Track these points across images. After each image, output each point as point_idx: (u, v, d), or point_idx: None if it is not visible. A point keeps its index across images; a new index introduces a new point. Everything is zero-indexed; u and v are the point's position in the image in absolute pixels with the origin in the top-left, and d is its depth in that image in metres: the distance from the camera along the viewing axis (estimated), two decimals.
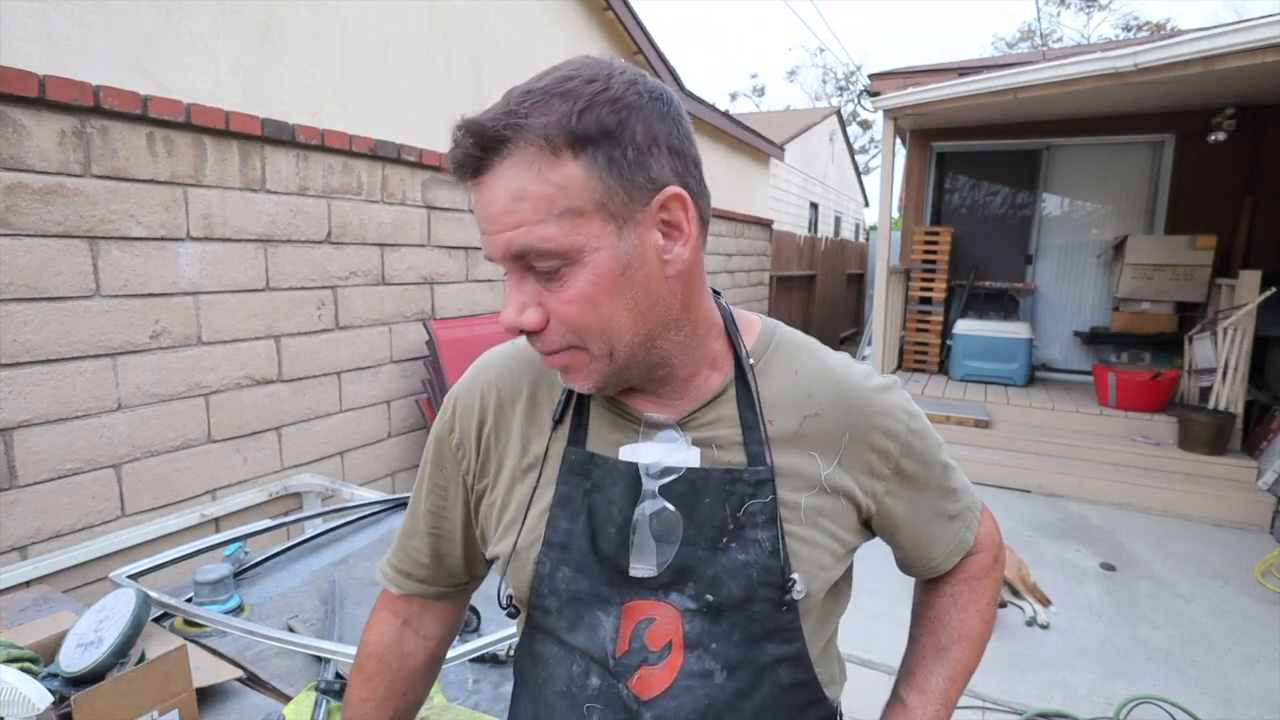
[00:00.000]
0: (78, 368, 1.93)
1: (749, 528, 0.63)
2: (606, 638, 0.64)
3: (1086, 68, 4.30)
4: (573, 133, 0.52)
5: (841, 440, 0.66)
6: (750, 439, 0.64)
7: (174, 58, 2.43)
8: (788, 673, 0.66)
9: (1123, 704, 2.37)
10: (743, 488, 0.63)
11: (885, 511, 0.70)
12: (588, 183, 0.53)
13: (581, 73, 0.54)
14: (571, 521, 0.66)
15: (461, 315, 3.40)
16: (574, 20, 4.88)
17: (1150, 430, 4.84)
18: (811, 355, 0.70)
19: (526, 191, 0.53)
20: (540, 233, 0.53)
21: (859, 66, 28.45)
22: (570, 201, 0.53)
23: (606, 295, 0.56)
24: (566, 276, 0.55)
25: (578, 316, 0.56)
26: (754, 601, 0.63)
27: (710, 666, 0.63)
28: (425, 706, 1.22)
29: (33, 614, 1.44)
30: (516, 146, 0.52)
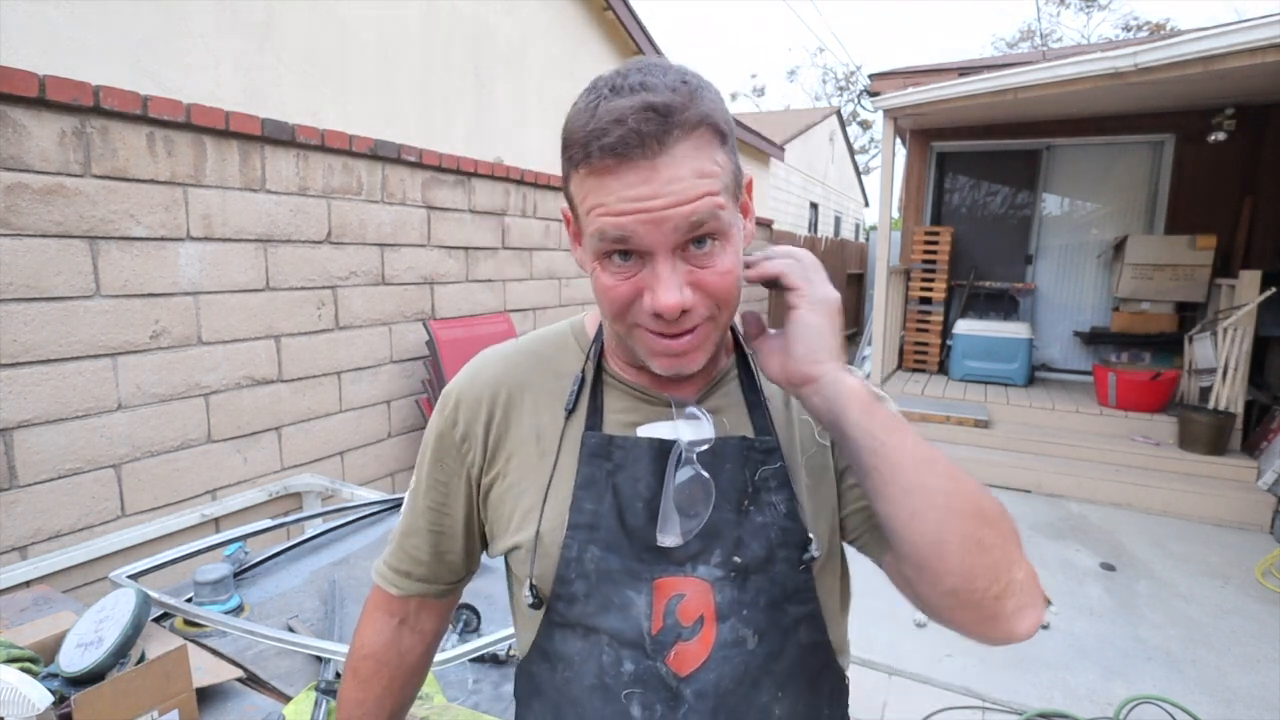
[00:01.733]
0: (78, 368, 1.93)
1: (764, 492, 0.67)
2: (641, 615, 0.65)
3: (1086, 68, 4.30)
4: (723, 124, 0.60)
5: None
6: (755, 414, 0.70)
7: (174, 58, 2.43)
8: (807, 633, 0.69)
9: (1123, 704, 2.37)
10: (756, 454, 0.68)
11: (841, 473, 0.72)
12: (730, 168, 0.61)
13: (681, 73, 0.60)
14: (597, 502, 0.67)
15: (461, 315, 3.40)
16: (574, 20, 4.88)
17: (1150, 430, 4.84)
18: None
19: (706, 169, 0.58)
20: (720, 202, 0.59)
21: (859, 66, 28.45)
22: (728, 180, 0.60)
23: (739, 269, 0.63)
24: (716, 252, 0.60)
25: (730, 287, 0.61)
26: (774, 562, 0.66)
27: (744, 634, 0.65)
28: (425, 706, 1.22)
29: (33, 614, 1.44)
30: (694, 129, 0.57)
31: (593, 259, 0.62)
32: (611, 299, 0.61)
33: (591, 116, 0.58)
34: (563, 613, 0.68)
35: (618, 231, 0.58)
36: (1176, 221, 5.90)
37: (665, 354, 0.63)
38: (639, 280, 0.60)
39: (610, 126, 0.56)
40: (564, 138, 0.62)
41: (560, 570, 0.67)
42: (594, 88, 0.61)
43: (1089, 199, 6.45)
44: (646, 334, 0.62)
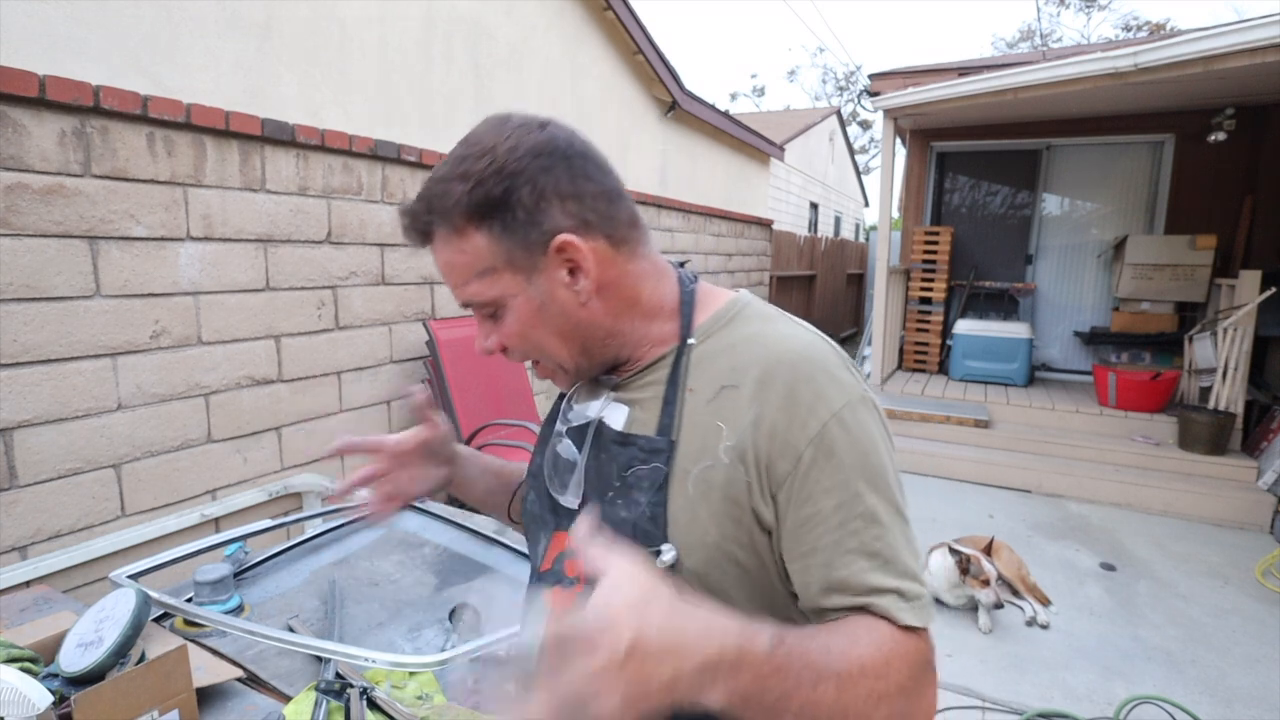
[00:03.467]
0: (78, 368, 1.93)
1: (635, 489, 0.68)
2: (539, 554, 0.78)
3: (1086, 68, 4.30)
4: (468, 211, 0.64)
5: (749, 413, 0.63)
6: (666, 409, 0.69)
7: (174, 58, 2.43)
8: None
9: (1123, 704, 2.37)
10: (634, 451, 0.69)
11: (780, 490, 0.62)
12: (493, 248, 0.65)
13: (475, 147, 0.65)
14: (540, 457, 0.81)
15: (461, 315, 3.40)
16: (574, 20, 4.88)
17: (1150, 430, 4.84)
18: (761, 326, 0.70)
19: (452, 263, 0.68)
20: (469, 290, 0.68)
21: (859, 66, 28.47)
22: (482, 265, 0.66)
23: (532, 329, 0.69)
24: (502, 316, 0.69)
25: (516, 344, 0.71)
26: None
27: None
28: (425, 706, 1.22)
29: (33, 614, 1.44)
30: (436, 230, 0.67)
31: None
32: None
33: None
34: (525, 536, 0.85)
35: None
36: (1176, 221, 5.90)
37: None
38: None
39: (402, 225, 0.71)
40: None
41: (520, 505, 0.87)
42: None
43: (1089, 199, 6.45)
44: None
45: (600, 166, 0.68)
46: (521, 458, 3.19)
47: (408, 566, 1.77)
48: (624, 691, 0.43)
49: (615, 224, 0.68)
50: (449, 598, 1.62)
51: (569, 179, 0.65)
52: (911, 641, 0.58)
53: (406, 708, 1.19)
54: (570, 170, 0.65)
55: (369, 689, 1.21)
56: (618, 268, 0.69)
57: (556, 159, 0.65)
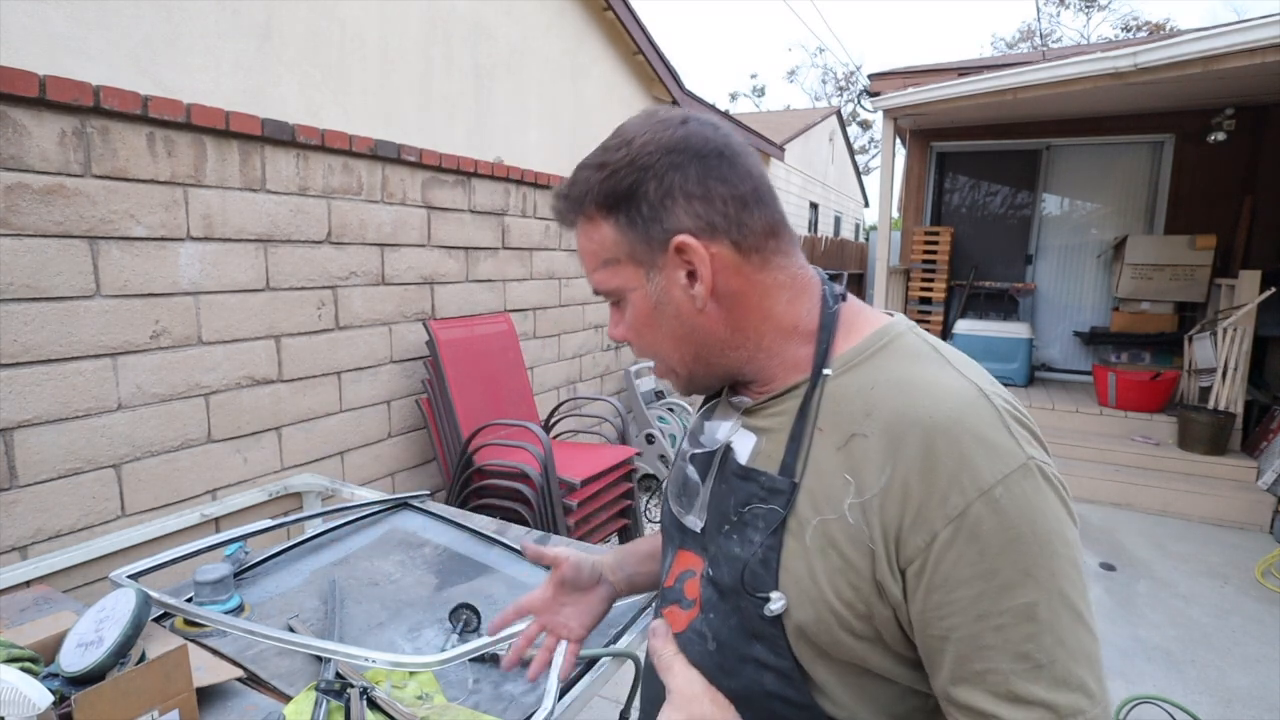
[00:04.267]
0: (78, 368, 1.93)
1: (750, 527, 0.64)
2: (665, 568, 0.79)
3: (1086, 68, 4.30)
4: (598, 201, 0.66)
5: (882, 473, 0.56)
6: (790, 448, 0.63)
7: (174, 58, 2.43)
8: (773, 683, 0.64)
9: (1123, 704, 2.37)
10: (754, 488, 0.65)
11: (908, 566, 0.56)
12: (618, 239, 0.66)
13: (617, 138, 0.66)
14: (677, 472, 0.80)
15: (462, 315, 3.40)
16: (574, 20, 4.88)
17: (1150, 430, 4.84)
18: (909, 365, 0.61)
19: (584, 249, 0.71)
20: (596, 278, 0.70)
21: (859, 66, 28.47)
22: (607, 254, 0.68)
23: (646, 326, 0.70)
24: (625, 309, 0.71)
25: (631, 338, 0.72)
26: (740, 595, 0.64)
27: (706, 632, 0.69)
28: (425, 706, 1.22)
29: (33, 614, 1.44)
30: (580, 212, 0.69)
31: None
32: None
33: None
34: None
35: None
36: (1176, 221, 5.90)
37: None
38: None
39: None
40: None
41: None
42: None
43: (1089, 199, 6.45)
44: None
45: (736, 169, 0.64)
46: (521, 458, 3.17)
47: (408, 566, 1.77)
48: None
49: (745, 230, 0.64)
50: (449, 598, 1.62)
51: (699, 179, 0.63)
52: None
53: (406, 708, 1.19)
54: (703, 169, 0.63)
55: (369, 689, 1.21)
56: (743, 277, 0.65)
57: (689, 156, 0.63)
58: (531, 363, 3.98)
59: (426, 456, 3.26)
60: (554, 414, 3.78)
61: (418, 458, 3.22)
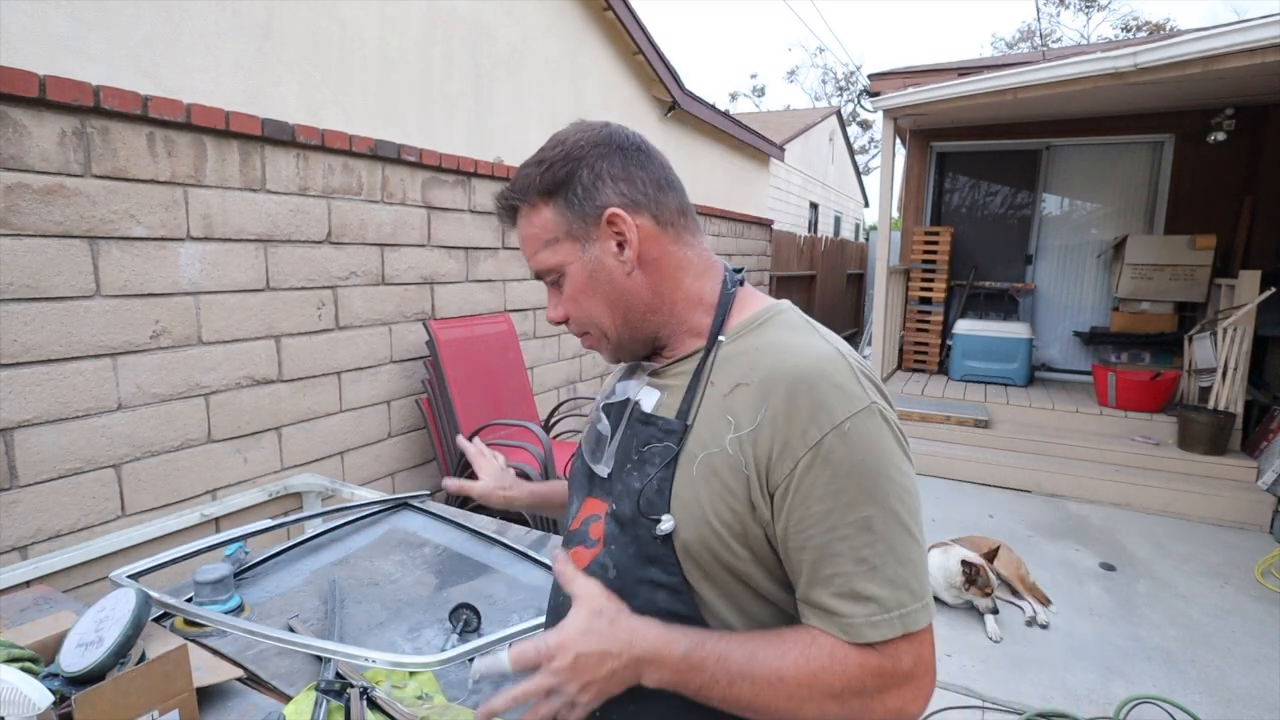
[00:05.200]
0: (78, 368, 1.93)
1: (648, 464, 0.77)
2: (571, 514, 0.89)
3: (1086, 68, 4.30)
4: (540, 190, 0.78)
5: (756, 413, 0.70)
6: (686, 397, 0.77)
7: (174, 58, 2.43)
8: (665, 600, 0.75)
9: (1123, 704, 2.37)
10: (652, 430, 0.78)
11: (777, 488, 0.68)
12: (557, 219, 0.78)
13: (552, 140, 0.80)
14: (589, 432, 0.91)
15: (462, 315, 3.40)
16: (574, 20, 4.88)
17: (1150, 430, 4.84)
18: (784, 332, 0.76)
19: (527, 235, 0.81)
20: (538, 259, 0.80)
21: (859, 66, 28.46)
22: (548, 235, 0.79)
23: (583, 294, 0.80)
24: (563, 285, 0.81)
25: (572, 310, 0.81)
26: (637, 524, 0.76)
27: (607, 563, 0.79)
28: (426, 706, 1.22)
29: (33, 614, 1.44)
30: (522, 205, 0.80)
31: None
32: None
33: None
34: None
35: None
36: (1176, 221, 5.90)
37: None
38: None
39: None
40: None
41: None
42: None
43: (1089, 199, 6.45)
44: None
45: (652, 160, 0.80)
46: (522, 458, 3.17)
47: (408, 566, 1.77)
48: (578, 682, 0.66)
49: (662, 207, 0.79)
50: (449, 598, 1.62)
51: (622, 165, 0.77)
52: (857, 655, 0.65)
53: (406, 708, 1.19)
54: (624, 159, 0.78)
55: (369, 689, 1.21)
56: (661, 247, 0.79)
57: (613, 149, 0.78)
58: (531, 363, 3.98)
59: (426, 456, 3.26)
60: (554, 414, 3.78)
61: (418, 458, 3.22)
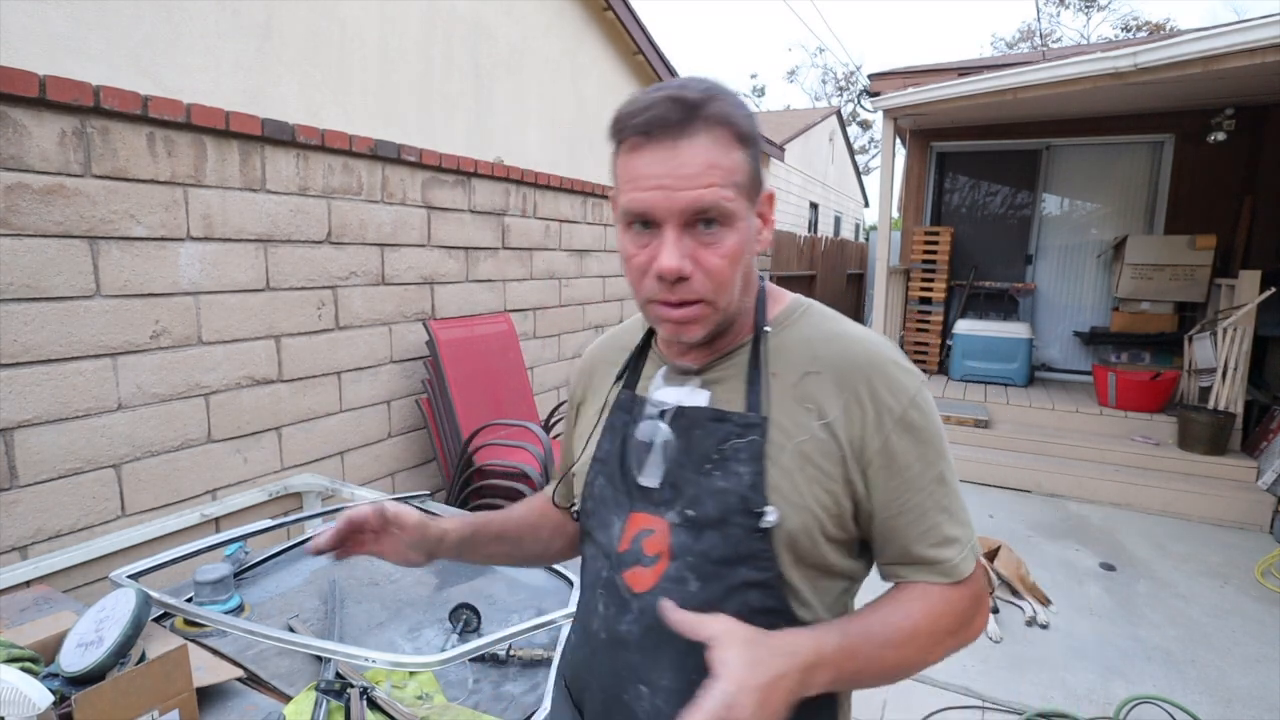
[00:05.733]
0: (78, 368, 1.93)
1: (732, 461, 0.74)
2: (615, 536, 0.81)
3: (1086, 68, 4.30)
4: (744, 130, 0.71)
5: (842, 395, 0.74)
6: (751, 390, 0.76)
7: (174, 58, 2.43)
8: (758, 598, 0.73)
9: (1122, 704, 2.37)
10: (729, 427, 0.75)
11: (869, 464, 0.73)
12: (746, 169, 0.71)
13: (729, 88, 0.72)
14: (611, 444, 0.84)
15: (462, 315, 3.40)
16: (574, 20, 4.88)
17: (1150, 430, 4.84)
18: (831, 323, 0.80)
19: (718, 162, 0.68)
20: (723, 194, 0.68)
21: (859, 66, 28.45)
22: (738, 178, 0.70)
23: (738, 256, 0.72)
24: (721, 237, 0.70)
25: (725, 269, 0.71)
26: (729, 524, 0.73)
27: (686, 575, 0.75)
28: (426, 706, 1.22)
29: (33, 614, 1.44)
30: (713, 126, 0.68)
31: (621, 230, 0.74)
32: (632, 266, 0.73)
33: (631, 103, 0.70)
34: (584, 523, 0.88)
35: (637, 205, 0.69)
36: (1176, 221, 5.90)
37: (668, 321, 0.74)
38: (652, 249, 0.71)
39: (641, 110, 0.68)
40: (610, 125, 0.73)
41: (585, 491, 0.87)
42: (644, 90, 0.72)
43: (1089, 199, 6.45)
44: (655, 305, 0.73)
45: None
46: (522, 458, 3.16)
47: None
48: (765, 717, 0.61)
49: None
50: (449, 598, 1.62)
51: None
52: (959, 591, 0.74)
53: (406, 708, 1.19)
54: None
55: (369, 689, 1.21)
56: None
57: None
58: (531, 363, 3.99)
59: (426, 456, 3.26)
60: (554, 414, 3.78)
61: (418, 458, 3.22)
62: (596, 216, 4.50)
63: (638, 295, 0.75)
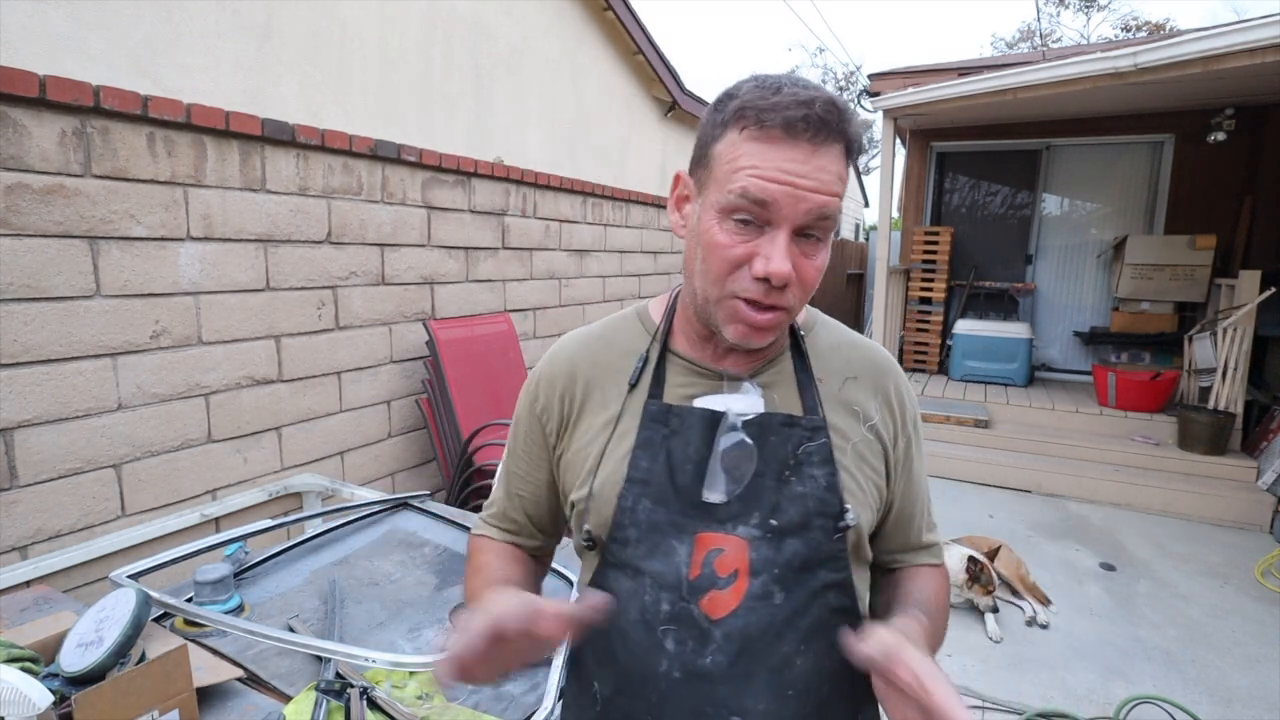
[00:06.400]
0: (78, 368, 1.93)
1: (806, 465, 0.74)
2: (681, 563, 0.73)
3: (1086, 68, 4.30)
4: (855, 149, 0.70)
5: (876, 398, 0.81)
6: (805, 394, 0.78)
7: (174, 58, 2.43)
8: (835, 598, 0.75)
9: (1122, 704, 2.37)
10: (800, 432, 0.75)
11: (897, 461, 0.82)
12: (846, 184, 0.70)
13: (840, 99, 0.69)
14: (651, 461, 0.75)
15: (462, 315, 3.40)
16: (574, 20, 4.88)
17: (1150, 430, 4.84)
18: (844, 332, 0.87)
19: (843, 176, 0.69)
20: (830, 204, 0.68)
21: (859, 66, 28.41)
22: (841, 189, 0.69)
23: (820, 268, 0.71)
24: (819, 250, 0.70)
25: (815, 280, 0.71)
26: (810, 529, 0.73)
27: (771, 589, 0.72)
28: (425, 706, 1.22)
29: (33, 614, 1.44)
30: (843, 141, 0.68)
31: (714, 215, 0.69)
32: (722, 257, 0.68)
33: (775, 92, 0.66)
34: (616, 554, 0.76)
35: (761, 194, 0.65)
36: (1176, 221, 5.90)
37: (745, 323, 0.70)
38: (753, 246, 0.68)
39: (794, 105, 0.65)
40: (733, 102, 0.68)
41: (616, 518, 0.75)
42: (766, 77, 0.69)
43: (1089, 199, 6.45)
44: (738, 303, 0.70)
45: None
46: None
47: (408, 566, 1.77)
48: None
49: None
50: (449, 598, 1.62)
51: None
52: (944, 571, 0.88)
53: (406, 708, 1.19)
54: None
55: (369, 689, 1.21)
56: None
57: None
58: (531, 363, 3.99)
59: (426, 456, 3.26)
60: None
61: (418, 458, 3.22)
62: (596, 216, 4.50)
63: (717, 287, 0.70)
